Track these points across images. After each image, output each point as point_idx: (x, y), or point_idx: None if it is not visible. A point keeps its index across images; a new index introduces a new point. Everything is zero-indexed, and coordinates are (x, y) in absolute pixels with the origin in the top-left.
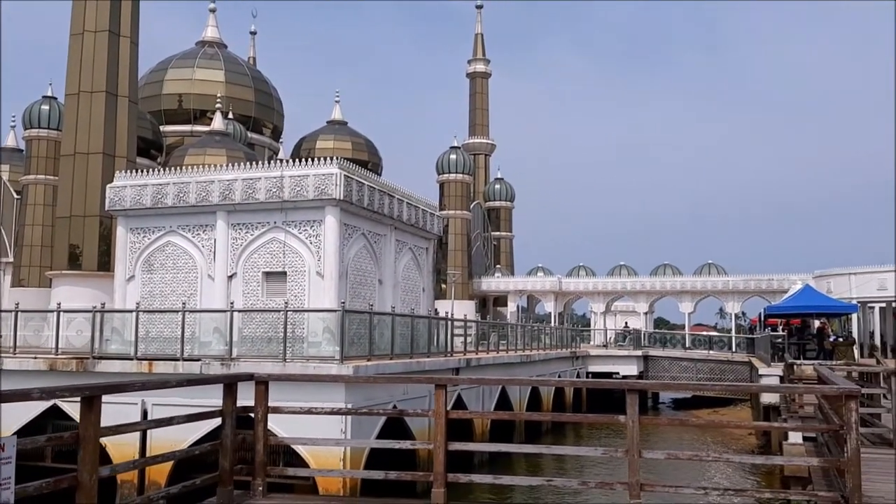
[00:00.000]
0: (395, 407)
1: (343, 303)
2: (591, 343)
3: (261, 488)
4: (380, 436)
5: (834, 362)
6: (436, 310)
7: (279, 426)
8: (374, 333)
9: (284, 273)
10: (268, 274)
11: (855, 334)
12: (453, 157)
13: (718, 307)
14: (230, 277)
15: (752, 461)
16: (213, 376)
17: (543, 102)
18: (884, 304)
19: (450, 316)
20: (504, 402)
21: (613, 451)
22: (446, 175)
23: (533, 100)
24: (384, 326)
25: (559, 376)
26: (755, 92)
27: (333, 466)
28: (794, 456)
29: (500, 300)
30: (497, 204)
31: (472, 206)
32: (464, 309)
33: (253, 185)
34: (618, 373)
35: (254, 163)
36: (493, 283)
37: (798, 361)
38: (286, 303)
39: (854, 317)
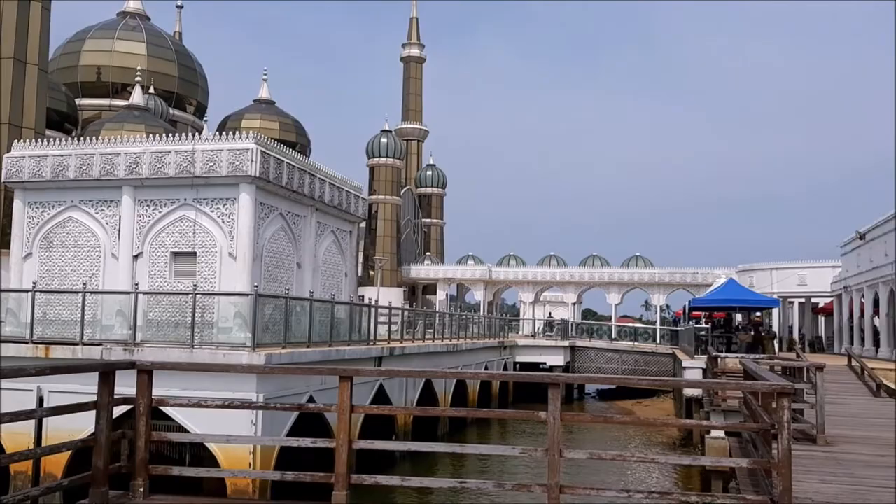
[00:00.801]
0: (311, 398)
1: (256, 286)
2: (521, 333)
3: (141, 489)
4: (298, 428)
5: (757, 355)
6: (362, 297)
7: (190, 420)
8: (290, 320)
9: (194, 253)
10: (176, 254)
11: (775, 328)
12: (384, 140)
13: (644, 299)
14: (136, 257)
15: (678, 462)
16: (87, 363)
17: (478, 91)
18: (803, 300)
19: (374, 303)
20: (429, 393)
21: (533, 449)
22: (376, 159)
23: (467, 88)
24: (302, 313)
25: (486, 366)
26: (686, 87)
27: (243, 464)
28: (721, 456)
29: (430, 288)
30: (428, 190)
31: (402, 192)
32: (392, 296)
33: (162, 158)
34: (545, 363)
35: (163, 135)
36: (422, 270)
37: (722, 354)
38: (195, 285)
39: (775, 311)
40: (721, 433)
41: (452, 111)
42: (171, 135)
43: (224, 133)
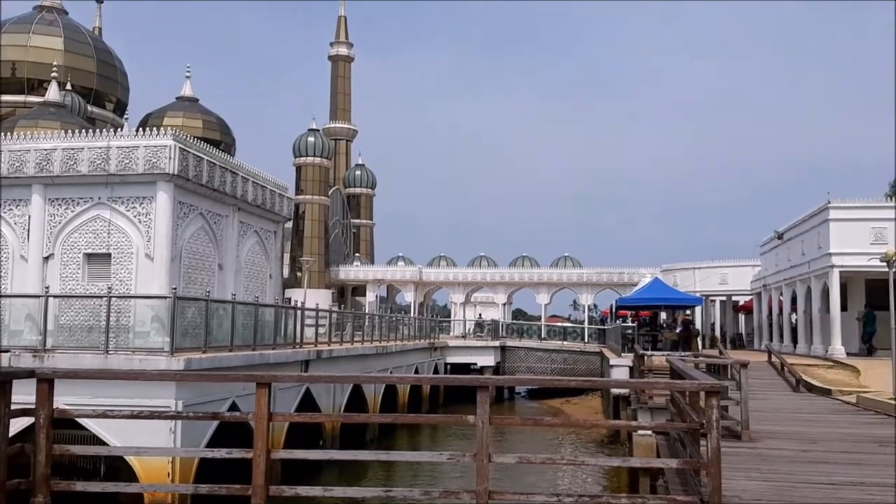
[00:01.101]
0: (234, 404)
1: (175, 289)
2: (452, 334)
3: None
4: (221, 436)
5: (683, 353)
6: (289, 299)
7: (107, 431)
8: (211, 323)
9: (109, 255)
10: (90, 256)
11: (698, 325)
12: (311, 139)
13: (573, 299)
14: (46, 259)
15: (607, 463)
16: None
17: (408, 91)
18: (724, 298)
19: (301, 305)
20: (359, 397)
21: (461, 455)
22: (303, 158)
23: (398, 88)
24: (224, 316)
25: (417, 368)
26: (613, 91)
27: (162, 476)
28: (648, 454)
29: (360, 289)
30: (357, 190)
31: (331, 192)
32: (320, 298)
33: (75, 155)
34: (476, 363)
35: (76, 132)
36: (351, 271)
37: (648, 352)
38: (110, 288)
39: (698, 309)
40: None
41: (382, 111)
42: (85, 131)
43: (145, 131)
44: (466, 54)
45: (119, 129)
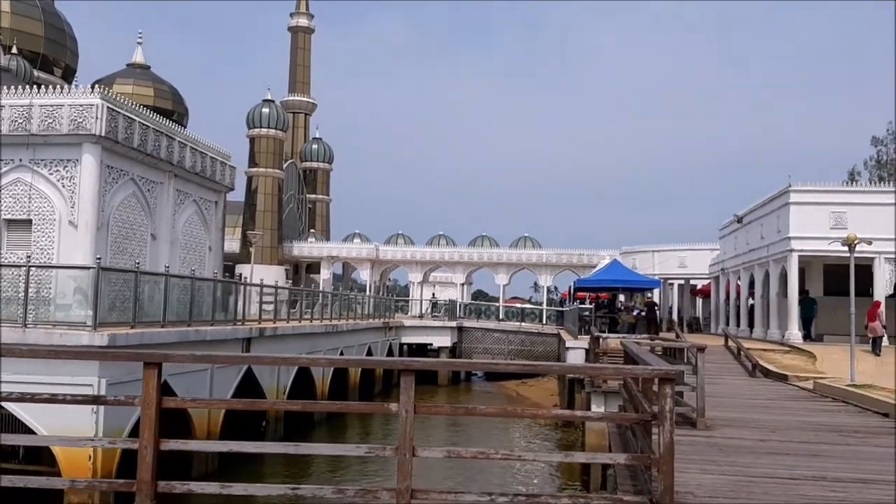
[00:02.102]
0: (165, 382)
1: (100, 259)
2: (410, 313)
3: None
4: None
5: (640, 335)
6: (240, 274)
7: (26, 412)
8: (141, 297)
9: (30, 221)
10: (9, 222)
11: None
12: (266, 110)
13: (533, 280)
14: None
15: (547, 459)
16: None
17: (369, 66)
18: (682, 281)
19: (246, 280)
20: (306, 378)
21: (381, 448)
22: (257, 130)
23: (358, 63)
24: (155, 289)
25: (370, 348)
26: (574, 71)
27: (82, 464)
28: (600, 439)
29: (314, 267)
30: (314, 165)
31: (286, 166)
32: (272, 274)
33: None
34: (431, 344)
35: None
36: (305, 248)
37: (604, 335)
38: (29, 257)
39: (656, 292)
40: (602, 408)
41: (342, 85)
42: (5, 88)
43: None
44: (427, 30)
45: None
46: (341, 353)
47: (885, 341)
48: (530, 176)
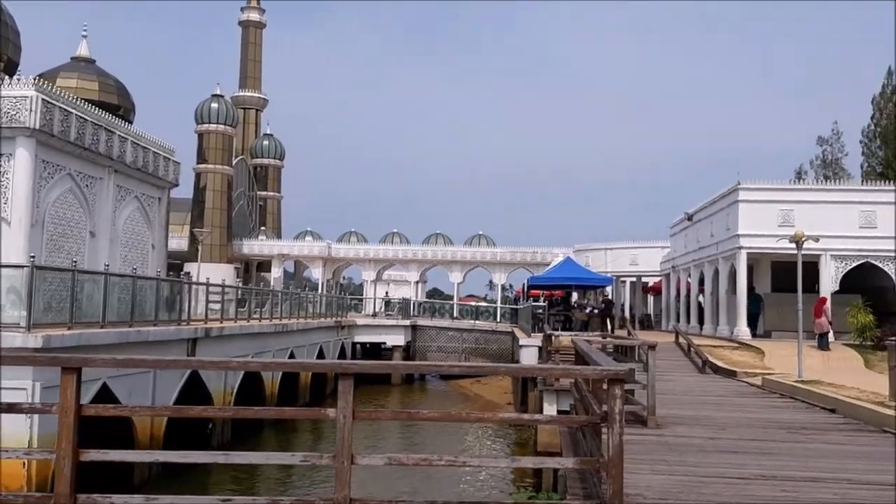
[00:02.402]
0: (104, 385)
1: (34, 257)
2: (364, 312)
3: None
4: (103, 425)
5: (590, 333)
6: (188, 273)
7: None
8: (79, 296)
9: None
10: None
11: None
12: (214, 105)
13: (489, 278)
14: None
15: (494, 465)
16: None
17: (322, 63)
18: (634, 279)
19: (192, 279)
20: (255, 379)
21: (318, 456)
22: (206, 125)
23: (311, 59)
24: (95, 288)
25: (321, 348)
26: (529, 70)
27: (17, 472)
28: (553, 438)
29: (265, 265)
30: (265, 161)
31: (235, 162)
32: (222, 273)
33: None
34: (385, 343)
35: None
36: (256, 245)
37: (556, 332)
38: None
39: (608, 289)
40: (554, 412)
41: (294, 82)
42: None
43: None
44: (382, 25)
45: None
46: (291, 354)
47: (831, 337)
48: (485, 174)
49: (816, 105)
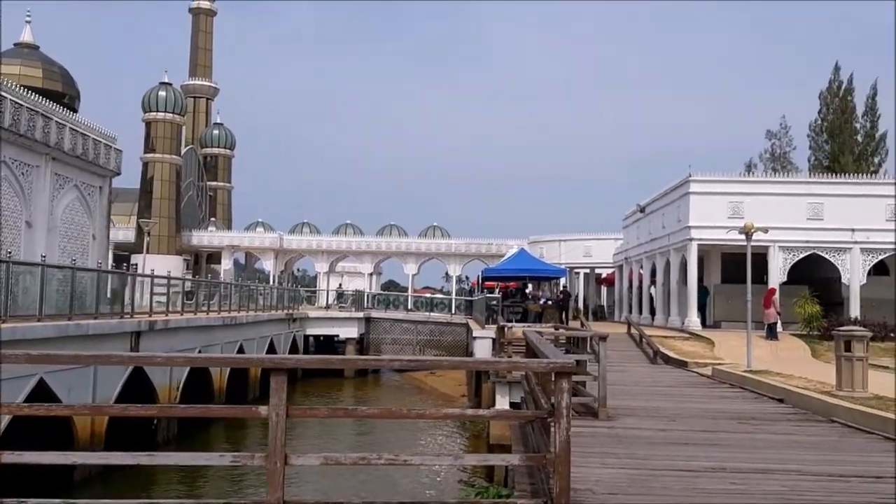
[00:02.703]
0: (41, 381)
1: None
2: (318, 304)
3: None
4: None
5: (543, 325)
6: (135, 265)
7: None
8: (14, 289)
9: None
10: None
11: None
12: (162, 93)
13: (445, 270)
14: None
15: (437, 462)
16: None
17: (273, 53)
18: (588, 270)
19: (139, 271)
20: (204, 374)
21: (249, 456)
22: (153, 113)
23: (263, 47)
24: (31, 280)
25: (272, 340)
26: (483, 61)
27: None
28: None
29: (215, 257)
30: (215, 151)
31: (184, 152)
32: (170, 265)
33: None
34: (338, 335)
35: None
36: (205, 237)
37: (510, 324)
38: None
39: (562, 280)
40: (507, 404)
41: (246, 70)
42: None
43: None
44: (335, 15)
45: None
46: (241, 347)
47: (779, 327)
48: (440, 165)
49: (765, 100)
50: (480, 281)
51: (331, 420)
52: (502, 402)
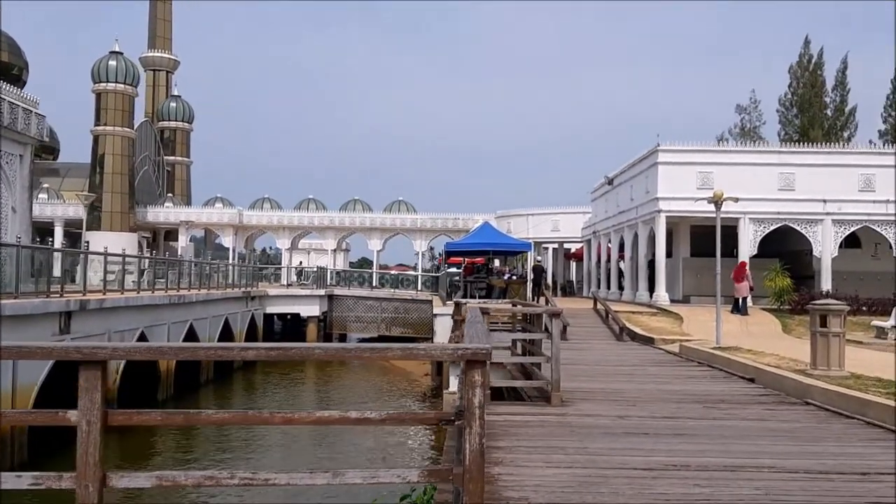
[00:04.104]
0: None
1: None
2: (282, 282)
3: None
4: None
5: (500, 301)
6: (87, 242)
7: None
8: None
9: None
10: None
11: (529, 273)
12: (113, 63)
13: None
14: None
15: (309, 482)
16: None
17: (235, 23)
18: (556, 245)
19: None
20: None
21: (55, 477)
22: (104, 84)
23: (224, 19)
24: None
25: (227, 319)
26: (448, 37)
27: None
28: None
29: (173, 234)
30: (172, 124)
31: (139, 125)
32: (123, 242)
33: None
34: (299, 313)
35: None
36: (161, 213)
37: (464, 300)
38: None
39: (529, 255)
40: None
41: (205, 43)
42: None
43: None
44: None
45: None
46: (191, 326)
47: (749, 301)
48: (406, 138)
49: (735, 73)
50: (444, 256)
51: (297, 385)
52: (454, 384)
